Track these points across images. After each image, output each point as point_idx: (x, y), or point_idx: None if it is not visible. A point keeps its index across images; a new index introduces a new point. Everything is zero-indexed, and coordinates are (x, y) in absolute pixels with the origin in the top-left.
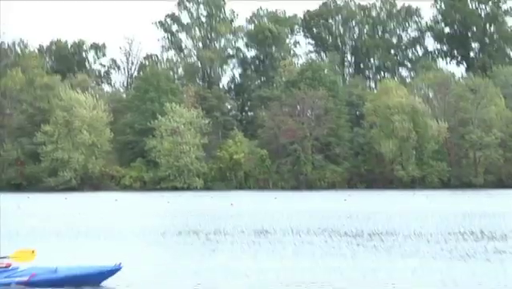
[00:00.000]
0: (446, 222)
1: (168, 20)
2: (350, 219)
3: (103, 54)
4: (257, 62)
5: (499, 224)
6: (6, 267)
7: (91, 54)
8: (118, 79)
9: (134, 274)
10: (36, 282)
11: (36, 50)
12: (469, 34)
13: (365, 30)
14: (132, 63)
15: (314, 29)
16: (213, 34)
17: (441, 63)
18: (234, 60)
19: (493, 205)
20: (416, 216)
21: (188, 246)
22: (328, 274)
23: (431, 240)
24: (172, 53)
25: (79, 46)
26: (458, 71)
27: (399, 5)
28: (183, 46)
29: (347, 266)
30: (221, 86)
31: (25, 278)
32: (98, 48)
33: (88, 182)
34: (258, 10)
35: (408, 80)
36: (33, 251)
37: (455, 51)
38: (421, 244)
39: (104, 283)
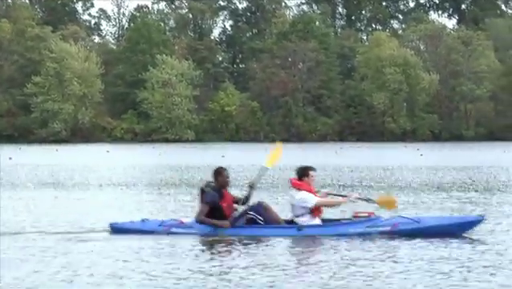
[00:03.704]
0: (439, 175)
1: None
2: (345, 171)
3: (92, 5)
4: (248, 13)
5: (489, 176)
6: (368, 216)
7: (79, 5)
8: (108, 30)
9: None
10: (399, 232)
11: (27, 1)
12: None
13: None
14: (124, 15)
15: None
16: None
17: (433, 15)
18: (226, 12)
19: (484, 158)
20: (410, 168)
21: None
22: None
23: (426, 192)
24: (163, 4)
25: None
26: (450, 23)
27: None
28: None
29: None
30: (212, 38)
31: (388, 228)
32: None
33: (79, 134)
34: None
35: (399, 32)
36: (395, 200)
37: (446, 3)
38: (418, 196)
39: (466, 234)
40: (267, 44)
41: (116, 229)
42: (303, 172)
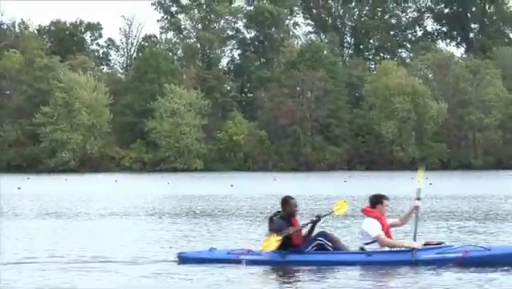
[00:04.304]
0: (448, 203)
1: (167, 1)
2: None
3: (100, 35)
4: (256, 43)
5: (497, 206)
6: (437, 244)
7: (87, 35)
8: (117, 60)
9: None
10: (469, 260)
11: (36, 31)
12: (469, 15)
13: (364, 11)
14: (132, 44)
15: (313, 10)
16: (212, 15)
17: (441, 43)
18: (234, 41)
19: (493, 187)
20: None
21: None
22: None
23: (434, 220)
24: (171, 34)
25: (76, 27)
26: (458, 52)
27: None
28: (182, 27)
29: None
30: (220, 67)
31: (458, 255)
32: (93, 28)
33: (87, 163)
34: None
35: (407, 61)
36: None
37: (454, 32)
38: (430, 225)
39: None
40: (275, 73)
41: (184, 259)
42: (377, 200)
